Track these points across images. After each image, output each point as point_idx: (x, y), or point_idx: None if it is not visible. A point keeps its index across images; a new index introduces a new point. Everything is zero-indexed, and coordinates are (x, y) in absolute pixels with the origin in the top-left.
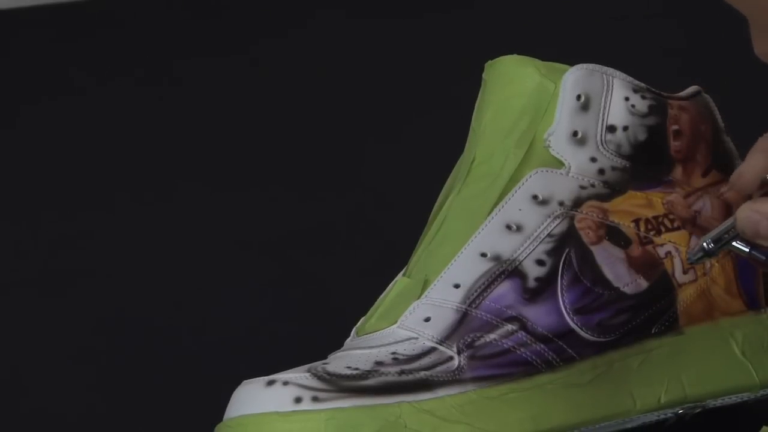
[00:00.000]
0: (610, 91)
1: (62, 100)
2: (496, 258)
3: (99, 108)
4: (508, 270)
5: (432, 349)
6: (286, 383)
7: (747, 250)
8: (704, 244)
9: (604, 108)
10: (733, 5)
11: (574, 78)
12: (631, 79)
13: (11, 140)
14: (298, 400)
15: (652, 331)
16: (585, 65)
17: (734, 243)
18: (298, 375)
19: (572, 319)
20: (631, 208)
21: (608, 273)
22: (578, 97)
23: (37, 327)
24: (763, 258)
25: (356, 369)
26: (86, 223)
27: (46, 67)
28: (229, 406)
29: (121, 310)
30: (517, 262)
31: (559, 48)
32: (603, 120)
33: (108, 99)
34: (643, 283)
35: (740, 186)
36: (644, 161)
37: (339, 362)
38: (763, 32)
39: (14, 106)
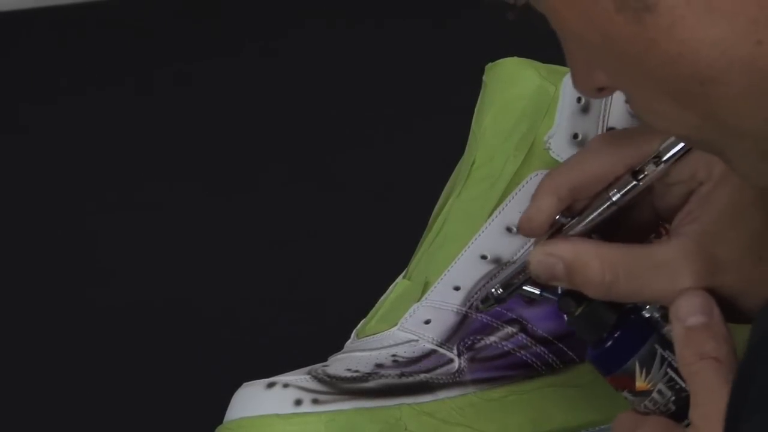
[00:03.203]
0: None
1: (63, 101)
2: (497, 260)
3: (100, 109)
4: None
5: (432, 352)
6: (286, 385)
7: (538, 292)
8: (492, 290)
9: (605, 110)
10: (554, 27)
11: None
12: None
13: (12, 141)
14: (298, 402)
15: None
16: None
17: (524, 287)
18: (299, 377)
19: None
20: None
21: None
22: (578, 100)
23: (37, 327)
24: (555, 298)
25: (356, 371)
26: (87, 223)
27: (47, 68)
28: (229, 408)
29: (120, 311)
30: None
31: (559, 50)
32: (603, 122)
33: (109, 100)
34: None
35: (530, 231)
36: None
37: (339, 364)
38: (587, 60)
39: (15, 107)
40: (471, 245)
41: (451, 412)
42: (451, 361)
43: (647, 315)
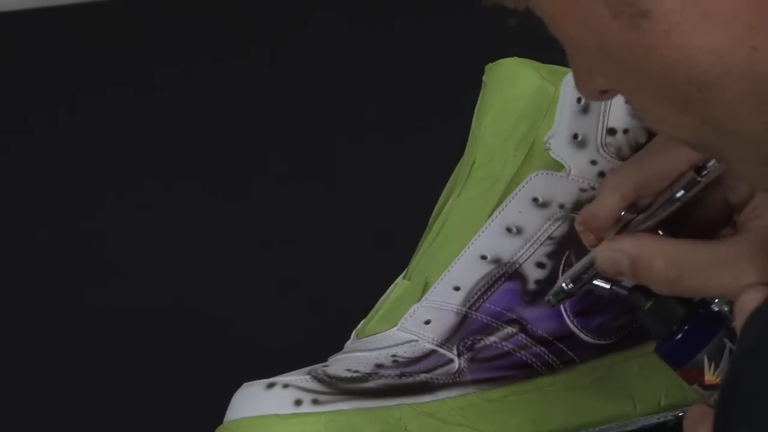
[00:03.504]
0: None
1: (63, 101)
2: (497, 260)
3: (99, 109)
4: (508, 272)
5: (432, 352)
6: (286, 386)
7: (608, 287)
8: (563, 285)
9: (605, 111)
10: (553, 32)
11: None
12: None
13: (12, 141)
14: (298, 402)
15: (653, 334)
16: None
17: (594, 281)
18: (299, 377)
19: (572, 322)
20: None
21: None
22: (579, 100)
23: (38, 327)
24: (625, 293)
25: (356, 371)
26: (87, 224)
27: (47, 68)
28: (229, 408)
29: (121, 311)
30: (518, 265)
31: (559, 50)
32: (603, 123)
33: (108, 100)
34: None
35: (595, 226)
36: None
37: (339, 365)
38: (589, 65)
39: (15, 107)
40: (471, 245)
41: (451, 413)
42: (451, 361)
43: (716, 309)
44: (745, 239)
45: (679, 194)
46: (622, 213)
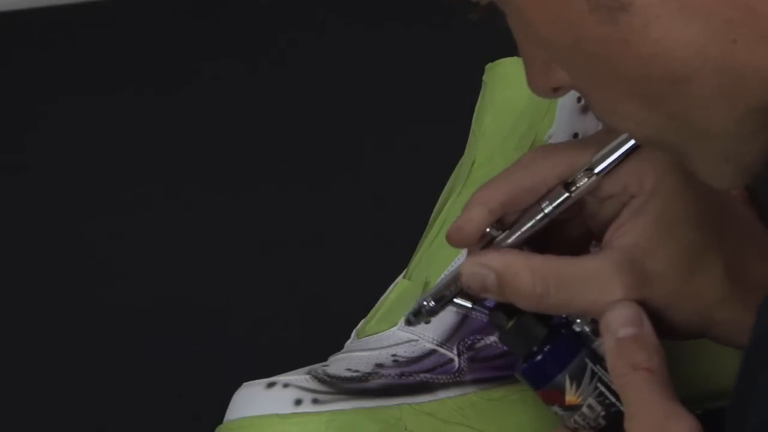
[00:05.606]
0: None
1: (63, 101)
2: None
3: (100, 109)
4: None
5: (432, 352)
6: (286, 385)
7: (469, 305)
8: (424, 303)
9: None
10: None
11: None
12: None
13: (12, 141)
14: (298, 402)
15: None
16: None
17: (455, 299)
18: (299, 377)
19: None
20: None
21: None
22: (578, 99)
23: (38, 327)
24: (486, 312)
25: (356, 371)
26: (87, 224)
27: (47, 68)
28: (229, 407)
29: (119, 310)
30: None
31: None
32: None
33: (109, 100)
34: None
35: (460, 241)
36: None
37: (339, 364)
38: (546, 59)
39: (15, 107)
40: None
41: (452, 412)
42: (451, 360)
43: (578, 329)
44: (610, 256)
45: (547, 210)
46: (488, 229)
